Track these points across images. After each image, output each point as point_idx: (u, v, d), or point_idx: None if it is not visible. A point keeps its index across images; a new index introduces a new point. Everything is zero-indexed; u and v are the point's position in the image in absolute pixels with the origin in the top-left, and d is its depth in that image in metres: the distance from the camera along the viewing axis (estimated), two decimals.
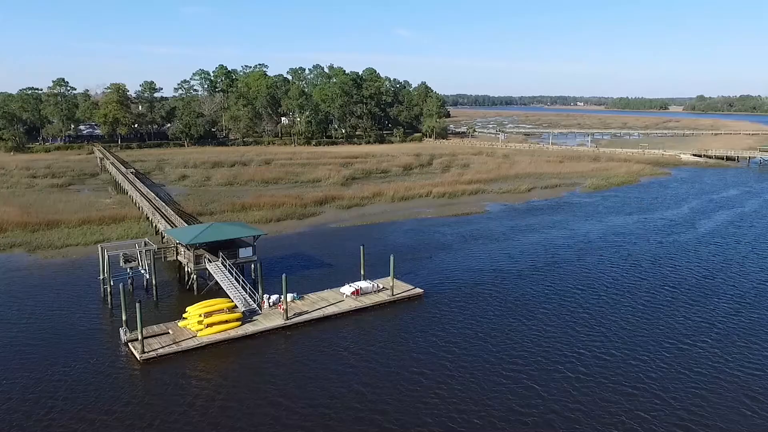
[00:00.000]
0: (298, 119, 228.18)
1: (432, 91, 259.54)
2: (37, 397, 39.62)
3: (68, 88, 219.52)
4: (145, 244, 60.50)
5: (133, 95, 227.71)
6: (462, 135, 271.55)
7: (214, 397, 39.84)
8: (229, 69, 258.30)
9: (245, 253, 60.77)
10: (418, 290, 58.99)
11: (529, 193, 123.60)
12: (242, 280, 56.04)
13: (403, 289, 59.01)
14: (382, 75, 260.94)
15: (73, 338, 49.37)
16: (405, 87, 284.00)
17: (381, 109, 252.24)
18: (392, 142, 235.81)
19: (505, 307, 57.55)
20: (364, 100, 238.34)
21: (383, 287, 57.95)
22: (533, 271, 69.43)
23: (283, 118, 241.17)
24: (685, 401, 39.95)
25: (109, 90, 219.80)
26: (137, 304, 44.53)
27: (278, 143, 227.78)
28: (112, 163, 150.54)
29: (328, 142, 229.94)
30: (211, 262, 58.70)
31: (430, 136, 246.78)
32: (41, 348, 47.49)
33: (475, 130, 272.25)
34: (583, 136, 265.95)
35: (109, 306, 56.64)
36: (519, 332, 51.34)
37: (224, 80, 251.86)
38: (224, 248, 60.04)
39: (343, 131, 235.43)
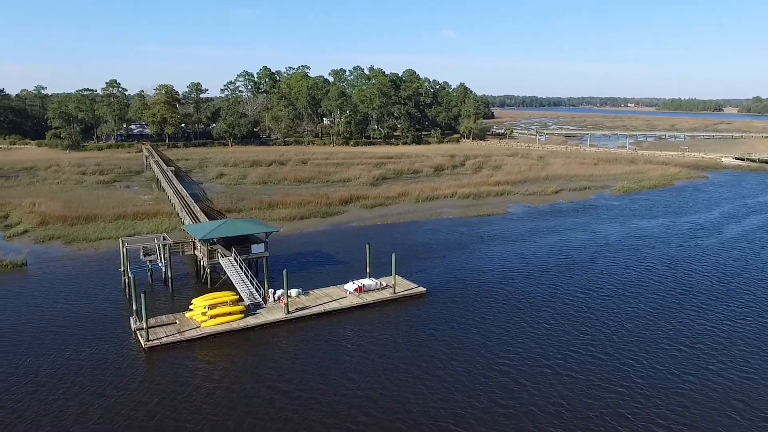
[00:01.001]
0: (338, 120, 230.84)
1: (471, 92, 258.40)
2: (60, 374, 42.85)
3: (120, 89, 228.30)
4: (164, 239, 63.08)
5: (181, 96, 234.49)
6: (501, 136, 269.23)
7: (211, 381, 41.88)
8: (273, 70, 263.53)
9: (257, 249, 62.65)
10: (421, 289, 59.71)
11: (556, 195, 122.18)
12: (250, 275, 57.94)
13: (406, 287, 59.83)
14: (429, 76, 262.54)
15: (94, 324, 52.25)
16: (444, 88, 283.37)
17: (419, 110, 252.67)
18: (429, 143, 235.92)
19: (508, 306, 57.73)
20: (402, 101, 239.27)
21: (387, 285, 58.88)
22: (543, 273, 69.17)
23: (324, 119, 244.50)
24: (669, 402, 39.74)
25: (157, 91, 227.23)
26: (142, 295, 46.84)
27: (318, 143, 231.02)
28: (156, 162, 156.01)
29: (366, 142, 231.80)
30: (224, 256, 60.87)
31: (468, 137, 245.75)
32: (67, 330, 50.78)
33: (512, 132, 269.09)
34: (625, 138, 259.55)
35: (127, 296, 59.40)
36: (517, 331, 51.65)
37: (267, 81, 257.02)
38: (238, 244, 62.19)
39: (381, 132, 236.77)
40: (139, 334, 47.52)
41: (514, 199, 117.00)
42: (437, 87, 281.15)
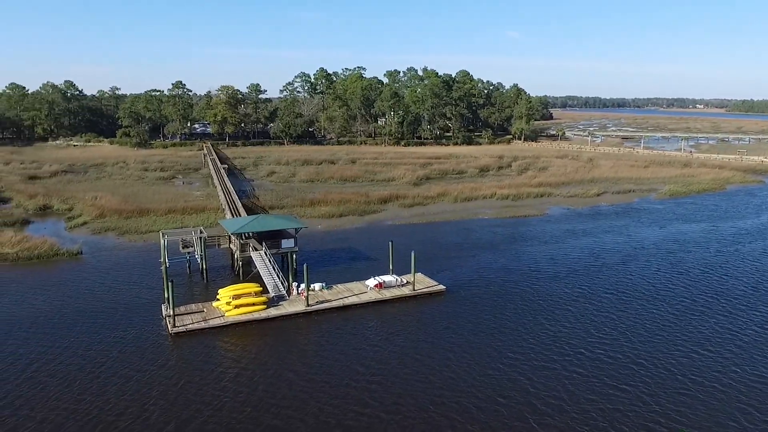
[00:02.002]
0: (390, 120, 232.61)
1: (524, 92, 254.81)
2: (94, 354, 46.27)
3: (185, 90, 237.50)
4: (200, 232, 66.21)
5: (241, 96, 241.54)
6: (553, 138, 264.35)
7: (228, 365, 44.51)
8: (329, 72, 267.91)
9: (287, 244, 64.88)
10: (441, 287, 60.44)
11: (598, 197, 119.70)
12: (277, 269, 60.19)
13: (426, 284, 60.72)
14: (491, 77, 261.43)
15: (134, 309, 55.67)
16: (498, 89, 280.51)
17: (471, 110, 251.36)
18: (480, 144, 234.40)
19: (528, 305, 57.91)
20: (454, 102, 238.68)
21: (407, 282, 59.92)
22: (570, 274, 68.60)
23: (380, 120, 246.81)
24: (672, 403, 39.58)
25: (219, 91, 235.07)
26: (170, 284, 49.71)
27: (370, 143, 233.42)
28: (212, 160, 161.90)
29: (417, 142, 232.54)
30: (255, 250, 63.42)
31: (519, 139, 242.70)
32: (111, 314, 54.57)
33: (564, 133, 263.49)
34: (681, 141, 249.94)
35: (172, 285, 62.79)
36: (533, 329, 52.01)
37: (324, 82, 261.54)
38: (269, 239, 64.64)
39: (432, 132, 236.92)
40: (167, 321, 50.35)
41: (554, 201, 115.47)
42: (490, 88, 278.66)
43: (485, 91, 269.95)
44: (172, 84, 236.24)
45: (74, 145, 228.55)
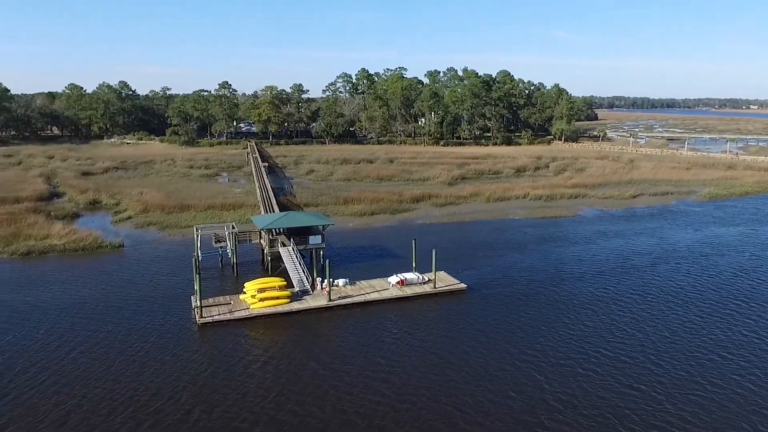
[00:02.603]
0: (429, 120, 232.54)
1: (565, 93, 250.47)
2: (133, 340, 48.72)
3: (231, 90, 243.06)
4: (232, 228, 68.21)
5: (285, 96, 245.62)
6: (595, 138, 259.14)
7: (250, 354, 46.38)
8: (371, 72, 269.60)
9: (314, 240, 66.32)
10: (462, 285, 60.70)
11: (634, 199, 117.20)
12: (303, 264, 61.58)
13: (447, 282, 61.09)
14: (535, 77, 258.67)
15: (167, 300, 58.02)
16: (539, 89, 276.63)
17: (510, 111, 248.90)
18: (520, 144, 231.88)
19: (550, 305, 57.71)
20: (493, 102, 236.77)
21: (428, 280, 60.40)
22: (596, 275, 67.82)
23: (421, 120, 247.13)
24: (681, 406, 39.05)
25: (263, 92, 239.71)
26: (197, 276, 51.61)
27: (409, 143, 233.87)
28: (254, 158, 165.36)
29: (456, 142, 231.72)
30: (283, 246, 65.02)
31: (560, 139, 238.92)
32: (147, 304, 57.11)
33: (605, 134, 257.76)
34: (727, 143, 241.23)
35: (201, 278, 65.00)
36: (551, 328, 51.94)
37: (365, 83, 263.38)
38: (298, 235, 66.17)
39: (472, 132, 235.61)
40: (195, 312, 52.27)
41: (588, 202, 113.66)
42: (531, 88, 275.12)
43: (526, 92, 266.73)
44: (219, 84, 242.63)
45: (127, 143, 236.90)
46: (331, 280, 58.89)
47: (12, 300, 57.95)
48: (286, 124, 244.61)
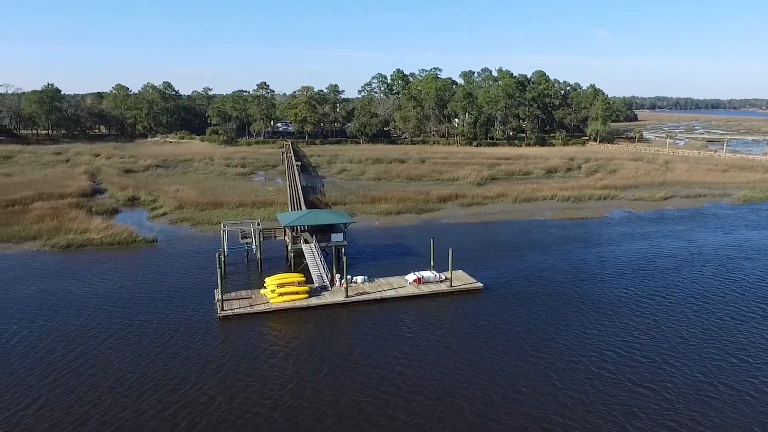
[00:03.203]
0: (463, 120, 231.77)
1: (601, 93, 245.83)
2: (162, 329, 50.83)
3: (268, 90, 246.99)
4: (257, 224, 69.84)
5: (320, 97, 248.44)
6: (632, 140, 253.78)
7: (268, 346, 47.76)
8: (406, 73, 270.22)
9: (336, 237, 67.42)
10: (478, 284, 60.85)
11: (665, 201, 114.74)
12: (323, 261, 62.72)
13: (464, 281, 61.34)
14: (574, 78, 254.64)
15: (196, 292, 59.75)
16: (575, 89, 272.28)
17: (544, 111, 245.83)
18: (554, 145, 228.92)
19: (567, 305, 57.46)
20: (527, 103, 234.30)
21: (445, 278, 60.76)
22: (617, 276, 67.07)
23: (454, 120, 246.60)
24: (690, 408, 38.79)
25: (299, 92, 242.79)
26: (218, 271, 53.25)
27: (443, 143, 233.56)
28: (288, 157, 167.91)
29: (489, 143, 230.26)
30: (306, 243, 66.31)
31: (595, 140, 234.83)
32: (176, 295, 59.22)
33: (641, 135, 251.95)
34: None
35: (223, 273, 66.82)
36: (567, 328, 51.84)
37: (400, 83, 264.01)
38: (320, 232, 67.39)
39: (505, 133, 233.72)
40: (217, 305, 53.91)
41: (616, 204, 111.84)
42: (567, 88, 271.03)
43: (561, 92, 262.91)
44: (257, 85, 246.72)
45: (169, 142, 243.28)
46: (350, 277, 59.93)
47: (53, 289, 60.77)
48: (321, 123, 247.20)
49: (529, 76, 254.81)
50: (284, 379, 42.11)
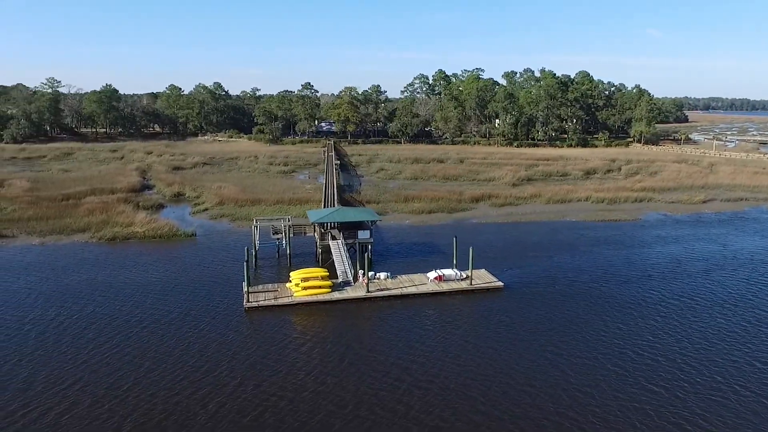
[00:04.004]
0: (503, 121, 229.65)
1: (646, 93, 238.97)
2: (200, 317, 53.31)
3: (312, 91, 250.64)
4: (289, 220, 71.70)
5: (362, 97, 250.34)
6: (678, 141, 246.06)
7: (289, 336, 49.58)
8: (449, 73, 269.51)
9: (363, 235, 68.60)
10: (499, 283, 60.95)
11: (704, 204, 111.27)
12: (348, 257, 64.00)
13: (484, 280, 61.52)
14: (624, 78, 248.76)
15: (229, 285, 61.81)
16: (620, 90, 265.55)
17: (587, 112, 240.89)
18: (596, 146, 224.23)
19: (588, 306, 57.21)
20: (569, 103, 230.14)
21: (466, 276, 61.10)
22: (644, 278, 66.04)
23: (495, 121, 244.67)
24: (700, 412, 38.39)
25: (343, 92, 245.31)
26: (245, 264, 55.22)
27: (483, 144, 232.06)
28: (329, 156, 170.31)
29: (530, 144, 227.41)
30: (333, 239, 67.75)
31: (639, 141, 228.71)
32: (212, 286, 61.56)
33: (687, 136, 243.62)
34: None
35: (254, 266, 69.08)
36: (584, 328, 51.84)
37: (442, 83, 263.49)
38: (347, 229, 68.74)
39: (546, 134, 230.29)
40: (245, 297, 55.88)
41: (652, 207, 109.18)
42: (612, 89, 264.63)
43: (606, 92, 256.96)
44: (302, 85, 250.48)
45: (218, 141, 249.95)
46: (372, 273, 61.06)
47: (100, 278, 64.18)
48: (363, 123, 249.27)
49: (572, 77, 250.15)
50: (306, 366, 43.75)
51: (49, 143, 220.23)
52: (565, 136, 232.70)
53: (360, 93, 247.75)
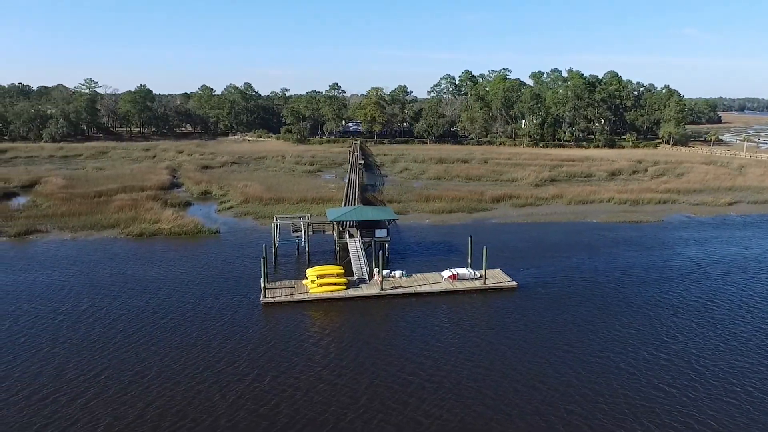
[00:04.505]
0: (529, 121, 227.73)
1: (676, 94, 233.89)
2: (221, 311, 54.68)
3: (339, 91, 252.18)
4: (308, 218, 72.73)
5: (388, 98, 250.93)
6: (707, 142, 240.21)
7: (308, 330, 50.83)
8: (476, 74, 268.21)
9: (380, 233, 69.24)
10: (513, 283, 60.91)
11: (729, 207, 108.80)
12: (364, 255, 64.69)
13: (498, 279, 61.55)
14: (657, 79, 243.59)
15: (249, 281, 62.94)
16: (649, 90, 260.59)
17: (615, 113, 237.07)
18: (623, 147, 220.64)
19: (602, 306, 56.87)
20: (596, 104, 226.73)
21: (480, 276, 61.21)
22: (662, 280, 65.22)
23: (522, 121, 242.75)
24: (710, 413, 38.16)
25: (369, 92, 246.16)
26: (262, 260, 56.34)
27: (509, 144, 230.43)
28: (354, 155, 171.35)
29: (556, 144, 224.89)
30: (351, 237, 68.55)
31: (668, 143, 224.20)
32: (233, 282, 62.88)
33: (717, 137, 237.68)
34: None
35: (273, 263, 70.27)
36: (597, 328, 51.61)
37: (468, 84, 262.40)
38: (366, 227, 69.47)
39: (573, 134, 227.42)
40: (262, 293, 57.02)
41: (676, 208, 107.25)
42: (641, 89, 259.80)
43: (634, 93, 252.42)
44: (329, 86, 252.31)
45: (248, 140, 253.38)
46: (387, 271, 61.68)
47: (128, 272, 66.19)
48: (390, 123, 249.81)
49: (600, 77, 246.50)
50: (323, 360, 44.78)
51: (85, 142, 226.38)
52: (592, 136, 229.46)
53: (387, 94, 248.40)
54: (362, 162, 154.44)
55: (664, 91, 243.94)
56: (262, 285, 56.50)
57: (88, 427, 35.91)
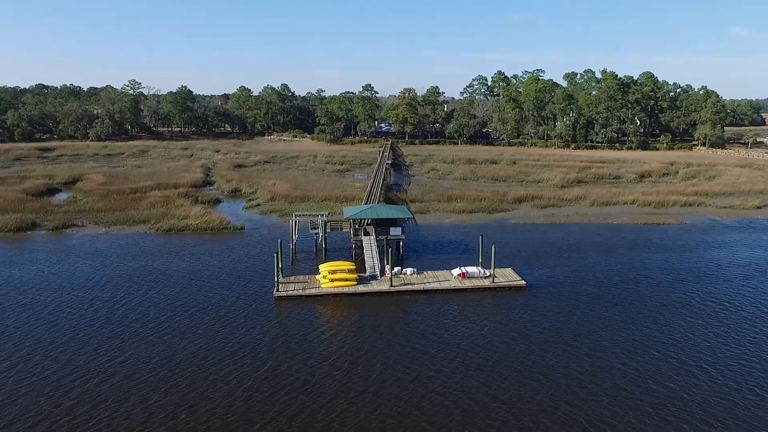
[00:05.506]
0: (563, 123, 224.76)
1: (713, 95, 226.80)
2: (241, 303, 56.40)
3: (372, 92, 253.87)
4: (326, 216, 74.18)
5: (420, 99, 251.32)
6: (746, 144, 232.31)
7: (318, 323, 52.09)
8: (509, 75, 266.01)
9: (395, 231, 70.18)
10: (522, 282, 60.96)
11: (757, 210, 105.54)
12: (377, 252, 65.71)
13: (507, 278, 61.68)
14: (699, 79, 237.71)
15: (266, 275, 64.31)
16: (687, 91, 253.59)
17: (649, 114, 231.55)
18: (657, 149, 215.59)
19: (614, 306, 56.40)
20: (630, 105, 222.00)
21: (490, 274, 61.46)
22: (677, 282, 64.17)
23: (557, 123, 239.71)
24: (710, 411, 37.91)
25: (401, 93, 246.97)
26: (275, 255, 57.94)
27: (540, 145, 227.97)
28: (383, 156, 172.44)
29: (588, 146, 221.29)
30: (366, 235, 69.67)
31: (704, 145, 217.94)
32: (253, 276, 64.56)
33: (755, 139, 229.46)
34: None
35: (291, 259, 71.93)
36: (606, 328, 51.21)
37: (501, 85, 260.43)
38: (381, 226, 70.51)
39: (606, 136, 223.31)
40: (275, 287, 58.62)
41: (702, 211, 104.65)
42: (677, 90, 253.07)
43: (670, 94, 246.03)
44: (362, 87, 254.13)
45: (283, 140, 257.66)
46: (399, 268, 62.61)
47: (156, 266, 68.70)
48: (421, 124, 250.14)
49: (635, 78, 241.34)
50: (337, 352, 45.88)
51: (128, 141, 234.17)
52: (626, 138, 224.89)
53: (420, 96, 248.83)
54: (390, 162, 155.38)
55: (701, 92, 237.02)
56: (276, 279, 58.03)
57: (115, 405, 37.99)
